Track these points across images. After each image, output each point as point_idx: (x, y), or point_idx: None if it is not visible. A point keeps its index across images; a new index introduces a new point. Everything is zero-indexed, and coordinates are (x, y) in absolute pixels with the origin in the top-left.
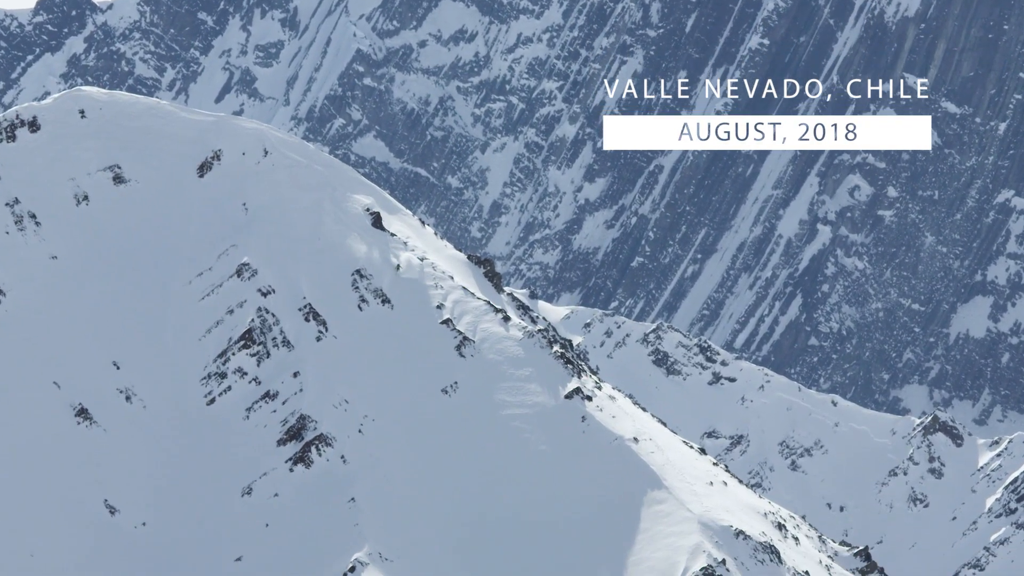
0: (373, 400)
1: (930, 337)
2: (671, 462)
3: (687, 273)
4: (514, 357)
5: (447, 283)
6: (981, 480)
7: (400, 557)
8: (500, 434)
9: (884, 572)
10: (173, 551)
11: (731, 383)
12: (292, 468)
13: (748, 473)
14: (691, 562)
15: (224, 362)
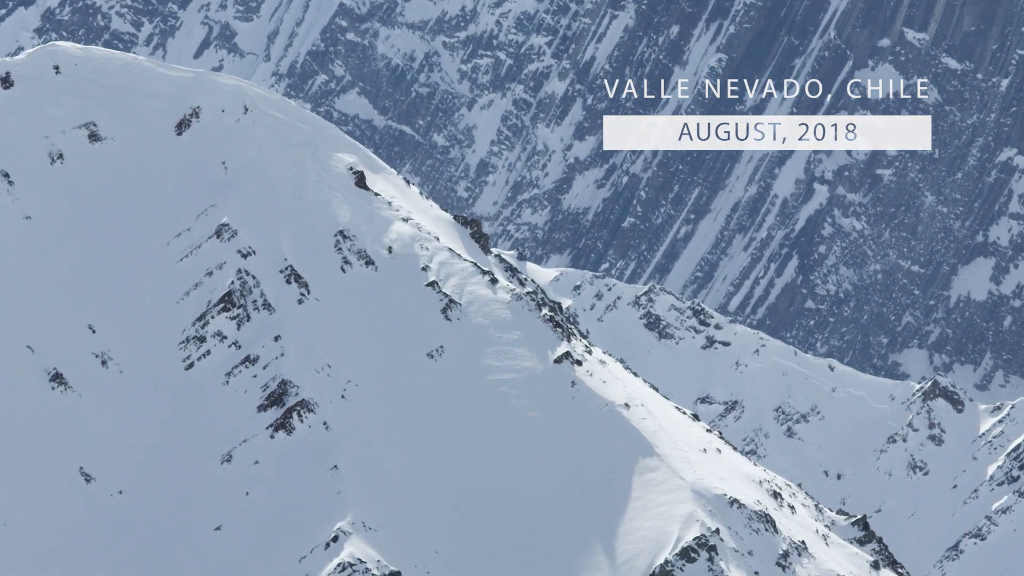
0: (356, 365)
1: (930, 300)
2: (663, 429)
3: (680, 234)
4: (502, 320)
5: (432, 244)
6: (982, 447)
7: (384, 527)
8: (487, 400)
9: (882, 542)
10: (150, 520)
11: (725, 347)
12: (273, 435)
13: (742, 440)
14: (684, 532)
15: (203, 326)
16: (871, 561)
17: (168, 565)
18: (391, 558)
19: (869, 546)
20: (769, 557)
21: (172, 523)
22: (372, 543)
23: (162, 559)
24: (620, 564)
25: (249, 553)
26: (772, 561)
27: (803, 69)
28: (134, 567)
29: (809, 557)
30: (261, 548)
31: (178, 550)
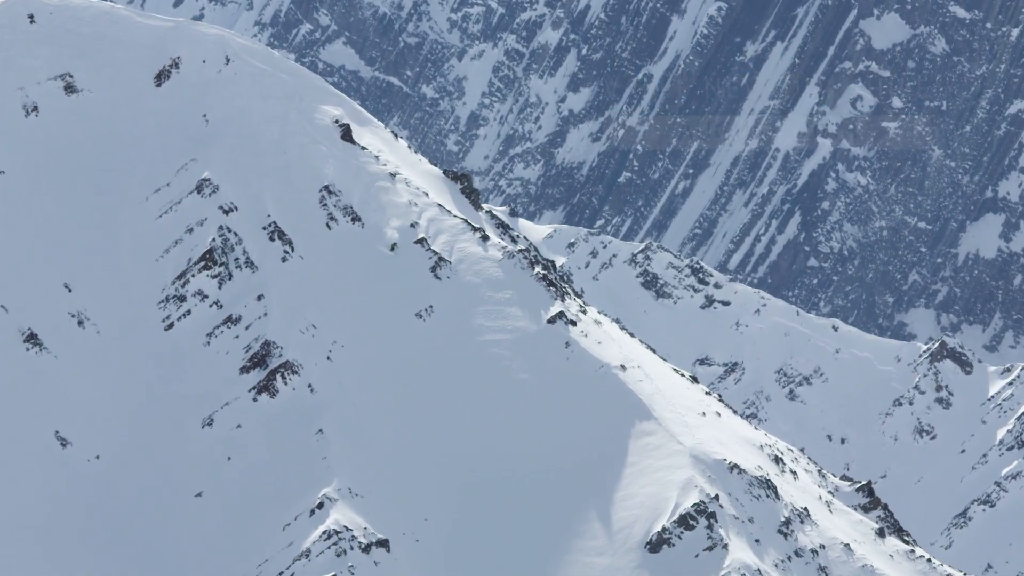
0: (342, 325)
1: (937, 258)
2: (661, 391)
3: (678, 189)
4: (493, 279)
5: (421, 200)
6: (992, 410)
7: (371, 493)
8: (478, 361)
9: (888, 508)
10: (128, 486)
11: (725, 307)
12: (256, 397)
13: (743, 403)
14: (682, 498)
15: (183, 284)
16: (876, 528)
17: (147, 533)
18: (378, 526)
19: (874, 513)
20: (770, 524)
21: (151, 489)
22: (359, 510)
23: (140, 526)
24: (616, 532)
25: (231, 520)
26: (773, 528)
27: (805, 18)
28: (111, 535)
29: (812, 524)
30: (243, 515)
31: (157, 517)
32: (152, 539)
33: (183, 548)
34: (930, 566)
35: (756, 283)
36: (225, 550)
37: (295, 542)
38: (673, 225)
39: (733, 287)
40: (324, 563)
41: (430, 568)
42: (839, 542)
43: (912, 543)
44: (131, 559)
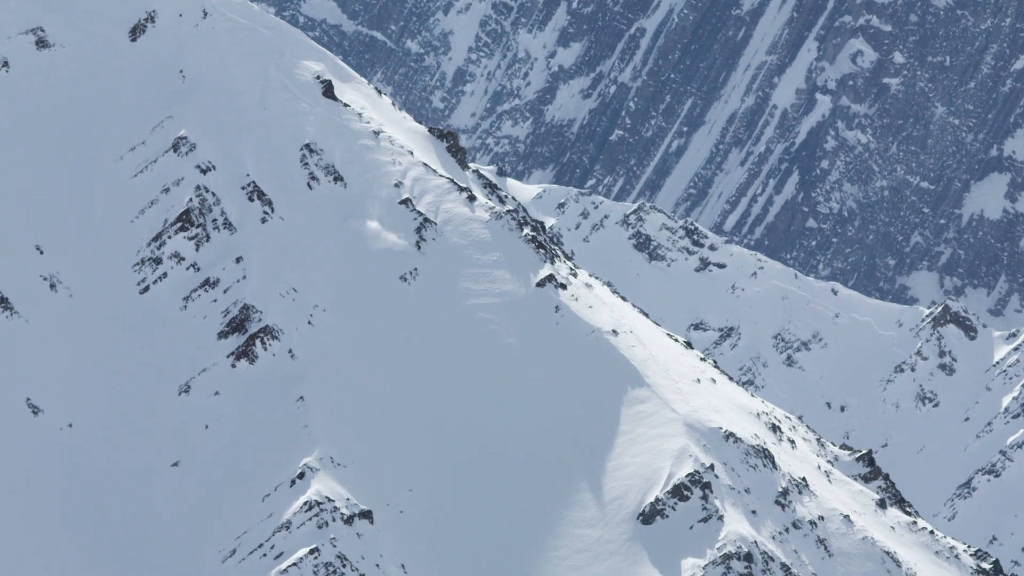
0: (324, 288)
1: (940, 219)
2: (654, 357)
3: (671, 148)
4: (480, 241)
5: (406, 159)
6: (997, 377)
7: (354, 462)
8: (465, 326)
9: (889, 478)
10: (102, 455)
11: (720, 269)
12: (234, 364)
13: (739, 369)
14: (676, 468)
15: (159, 246)
16: (877, 499)
17: (121, 504)
18: (361, 496)
19: (874, 483)
20: (767, 495)
21: (126, 458)
22: (341, 480)
23: (115, 497)
24: (607, 503)
25: (208, 491)
26: (771, 499)
27: None
28: (84, 505)
29: (810, 495)
30: (221, 485)
31: (132, 487)
32: (127, 510)
33: (159, 519)
34: (933, 538)
35: (752, 245)
36: (202, 521)
37: (275, 513)
38: (667, 185)
39: (729, 249)
40: (305, 535)
41: (415, 540)
42: (838, 513)
43: (914, 514)
44: (105, 531)
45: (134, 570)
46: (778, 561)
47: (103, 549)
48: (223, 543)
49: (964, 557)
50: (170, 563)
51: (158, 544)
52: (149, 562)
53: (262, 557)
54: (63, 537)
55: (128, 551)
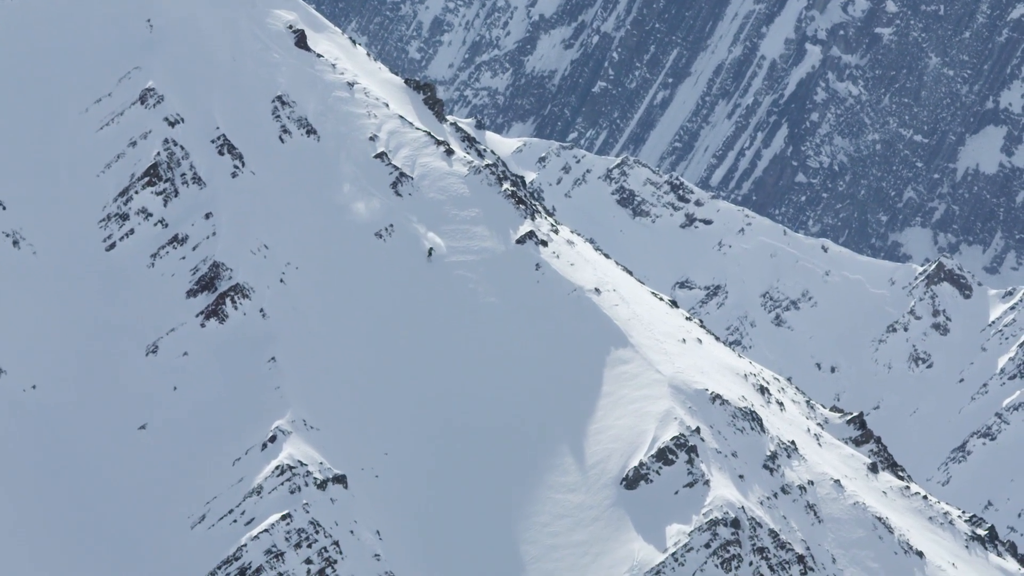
0: (297, 245)
1: (934, 173)
2: (638, 316)
3: (656, 100)
4: (458, 196)
5: (381, 111)
6: (992, 336)
7: (328, 425)
8: (442, 284)
9: (881, 441)
10: (67, 417)
11: (707, 226)
12: (204, 323)
13: (726, 329)
14: (661, 431)
15: (126, 201)
16: (868, 463)
17: (86, 467)
18: (335, 460)
19: (866, 447)
20: (755, 459)
21: (91, 421)
22: (314, 443)
23: (80, 461)
24: (590, 467)
25: (177, 455)
26: (759, 463)
27: None
28: (48, 469)
29: (799, 459)
30: (190, 449)
31: (97, 451)
32: (92, 474)
33: (125, 484)
34: (926, 503)
35: (740, 200)
36: (171, 486)
37: (246, 478)
38: (651, 138)
39: (715, 205)
40: (277, 500)
41: (390, 506)
42: (829, 478)
43: (907, 479)
44: (69, 496)
45: (99, 537)
46: (766, 527)
47: (67, 515)
48: (192, 509)
49: (958, 523)
50: (137, 529)
51: (124, 510)
52: (115, 528)
53: (232, 523)
54: (25, 503)
55: (93, 517)
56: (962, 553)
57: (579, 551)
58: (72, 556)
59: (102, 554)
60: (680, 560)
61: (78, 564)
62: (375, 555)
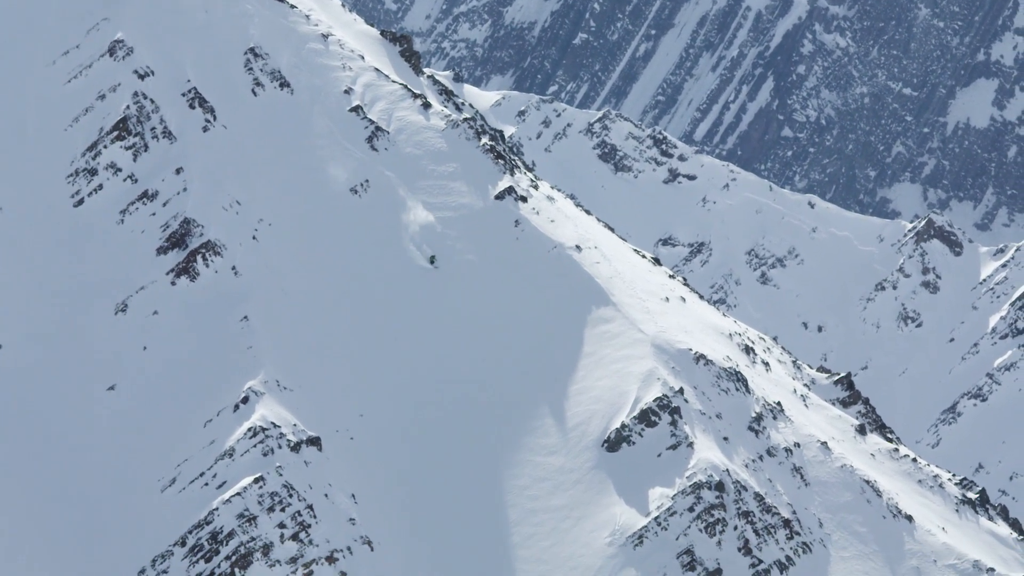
0: (270, 201)
1: (924, 127)
2: (620, 274)
3: (639, 52)
4: (435, 151)
5: (356, 64)
6: (984, 295)
7: (301, 386)
8: (419, 240)
9: (869, 403)
10: (33, 378)
11: (690, 181)
12: (174, 281)
13: (710, 287)
14: (643, 391)
15: (94, 156)
16: (856, 425)
17: (54, 429)
18: (309, 422)
19: (854, 408)
20: (740, 420)
21: (58, 382)
22: (287, 405)
23: (47, 422)
24: (570, 429)
25: (147, 416)
26: (743, 425)
27: None
28: (15, 431)
29: (786, 420)
30: (160, 411)
31: (65, 412)
32: (60, 436)
33: (94, 446)
34: (915, 466)
35: (724, 155)
36: (140, 448)
37: (217, 440)
38: (633, 91)
39: (699, 160)
40: (249, 463)
41: (366, 469)
42: (815, 440)
43: (896, 441)
44: (35, 458)
45: (66, 501)
46: (751, 491)
47: (33, 478)
48: (162, 471)
49: (948, 486)
50: (106, 493)
51: (92, 473)
52: (83, 492)
53: (203, 486)
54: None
55: (61, 480)
56: (952, 517)
57: (559, 515)
58: (38, 520)
59: (69, 518)
60: (663, 524)
61: (44, 528)
62: (350, 519)
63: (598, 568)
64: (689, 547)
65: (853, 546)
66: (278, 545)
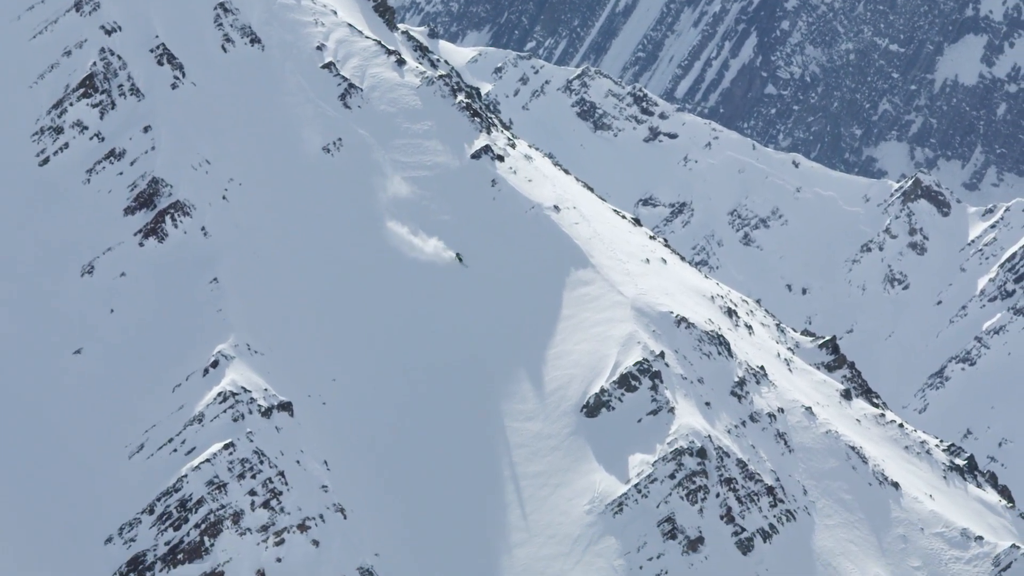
0: (240, 160)
1: (911, 84)
2: (599, 235)
3: (618, 7)
4: (410, 108)
5: (329, 19)
6: (972, 256)
7: (273, 350)
8: (393, 202)
9: (855, 367)
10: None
11: (671, 140)
12: (142, 242)
13: (692, 248)
14: (623, 356)
15: (60, 114)
16: (841, 390)
17: (18, 393)
18: (280, 387)
19: (839, 372)
20: (722, 385)
21: (22, 345)
22: (258, 369)
23: (11, 387)
24: (548, 394)
25: (114, 381)
26: (726, 390)
27: None
28: None
29: (769, 385)
30: (128, 375)
31: (29, 376)
32: (25, 401)
33: (59, 411)
34: (902, 432)
35: (707, 113)
36: (107, 414)
37: (186, 405)
38: (613, 48)
39: (681, 118)
40: (219, 429)
41: (339, 435)
42: (800, 405)
43: (882, 406)
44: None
45: (32, 466)
46: (734, 457)
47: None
48: (129, 437)
49: (936, 452)
50: (72, 459)
51: (58, 438)
52: (48, 458)
53: (172, 453)
54: None
55: (25, 445)
56: (940, 484)
57: (537, 482)
58: (0, 488)
59: (33, 485)
60: (643, 491)
61: (7, 496)
62: (322, 486)
63: (576, 536)
64: (670, 515)
65: (838, 514)
66: (249, 513)
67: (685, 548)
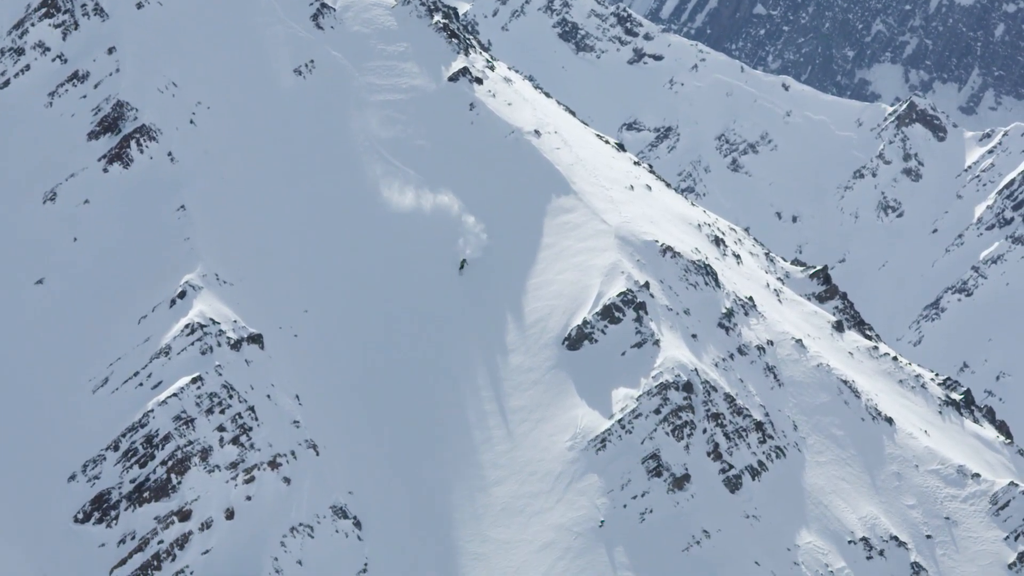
0: (208, 83)
1: (906, 4)
2: (581, 161)
3: None
4: (385, 29)
5: None
6: (969, 183)
7: (242, 280)
8: (368, 126)
9: (847, 298)
10: None
11: (656, 62)
12: (107, 168)
13: (678, 175)
14: (606, 286)
15: (21, 35)
16: (833, 321)
17: None
18: (250, 318)
19: (831, 303)
20: (709, 317)
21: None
22: (227, 300)
23: None
24: (529, 326)
25: (77, 312)
26: (713, 321)
27: None
28: None
29: (758, 317)
30: (92, 306)
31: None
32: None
33: (21, 343)
34: (896, 365)
35: (693, 34)
36: (70, 346)
37: (152, 337)
38: None
39: (666, 39)
40: (186, 362)
41: (311, 367)
42: (790, 337)
43: (875, 338)
44: None
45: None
46: (721, 391)
47: None
48: (94, 371)
49: (931, 386)
50: (34, 393)
51: (20, 372)
52: (9, 392)
53: (138, 387)
54: None
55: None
56: (935, 419)
57: (518, 417)
58: None
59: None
60: (627, 427)
61: None
62: (294, 422)
63: (558, 474)
64: (655, 451)
65: (830, 450)
66: (217, 449)
67: (671, 486)
